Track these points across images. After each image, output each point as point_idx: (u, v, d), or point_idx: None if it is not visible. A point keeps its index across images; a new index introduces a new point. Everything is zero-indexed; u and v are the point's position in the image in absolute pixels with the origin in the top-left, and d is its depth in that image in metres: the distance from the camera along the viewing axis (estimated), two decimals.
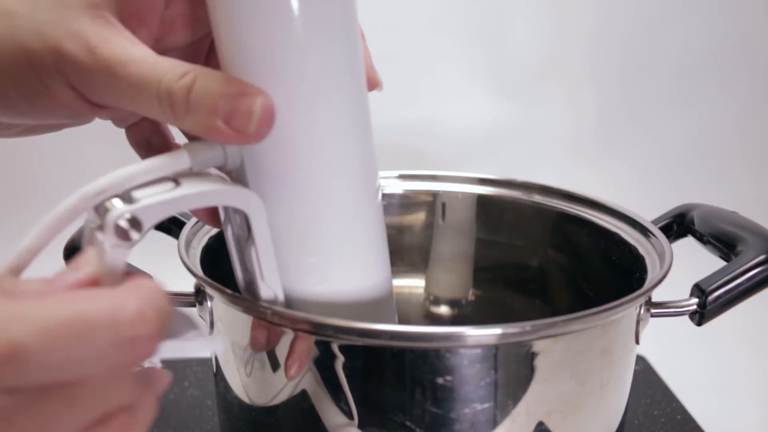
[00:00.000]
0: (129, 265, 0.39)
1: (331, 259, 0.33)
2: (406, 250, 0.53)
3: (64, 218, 0.27)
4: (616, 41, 0.94)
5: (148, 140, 0.35)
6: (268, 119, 0.28)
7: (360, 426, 0.32)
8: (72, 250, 0.39)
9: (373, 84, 0.33)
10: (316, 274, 0.33)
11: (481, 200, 0.51)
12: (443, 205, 0.52)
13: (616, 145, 0.97)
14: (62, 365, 0.21)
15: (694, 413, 0.56)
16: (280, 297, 0.33)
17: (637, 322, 0.37)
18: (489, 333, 0.31)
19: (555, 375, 0.33)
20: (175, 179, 0.29)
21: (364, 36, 0.33)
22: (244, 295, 0.34)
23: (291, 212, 0.32)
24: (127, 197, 0.27)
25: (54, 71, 0.29)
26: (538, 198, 0.49)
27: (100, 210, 0.27)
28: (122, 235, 0.26)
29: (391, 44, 0.93)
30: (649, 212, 0.45)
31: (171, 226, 0.45)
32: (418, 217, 0.53)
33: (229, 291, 0.33)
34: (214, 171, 0.31)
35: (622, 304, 0.34)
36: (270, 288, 0.32)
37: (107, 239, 0.26)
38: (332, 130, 0.31)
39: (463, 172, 0.52)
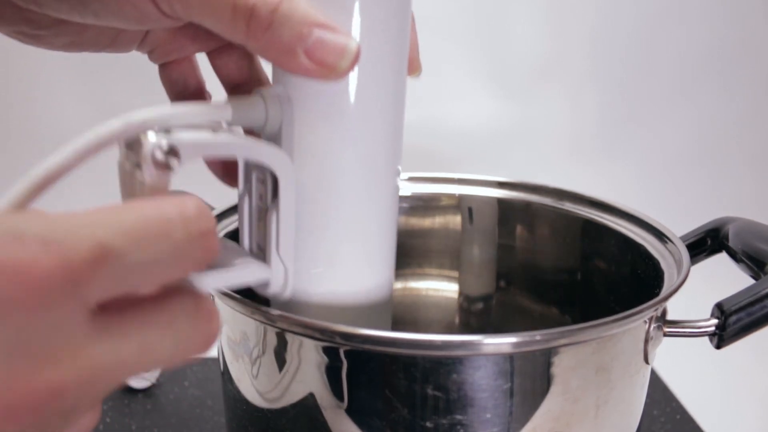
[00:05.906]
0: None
1: (338, 244, 0.32)
2: (433, 254, 0.52)
3: (101, 143, 0.24)
4: (617, 41, 0.94)
5: (185, 81, 0.35)
6: (355, 62, 0.27)
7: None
8: None
9: (414, 68, 0.33)
10: (322, 258, 0.32)
11: (505, 205, 0.50)
12: (470, 210, 0.50)
13: (616, 145, 0.97)
14: (147, 264, 0.21)
15: (693, 413, 0.57)
16: (291, 272, 0.31)
17: (646, 341, 0.34)
18: (476, 341, 0.30)
19: (543, 390, 0.31)
20: (213, 129, 0.28)
21: (414, 20, 0.32)
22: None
23: (315, 188, 0.31)
24: (164, 133, 0.26)
25: None
26: (568, 205, 0.47)
27: (135, 146, 0.25)
28: (161, 164, 0.25)
29: None
30: (649, 212, 0.45)
31: None
32: (442, 221, 0.51)
33: (235, 294, 0.33)
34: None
35: (606, 323, 0.31)
36: (282, 262, 0.30)
37: (146, 171, 0.25)
38: (379, 108, 0.31)
39: (487, 175, 0.51)
